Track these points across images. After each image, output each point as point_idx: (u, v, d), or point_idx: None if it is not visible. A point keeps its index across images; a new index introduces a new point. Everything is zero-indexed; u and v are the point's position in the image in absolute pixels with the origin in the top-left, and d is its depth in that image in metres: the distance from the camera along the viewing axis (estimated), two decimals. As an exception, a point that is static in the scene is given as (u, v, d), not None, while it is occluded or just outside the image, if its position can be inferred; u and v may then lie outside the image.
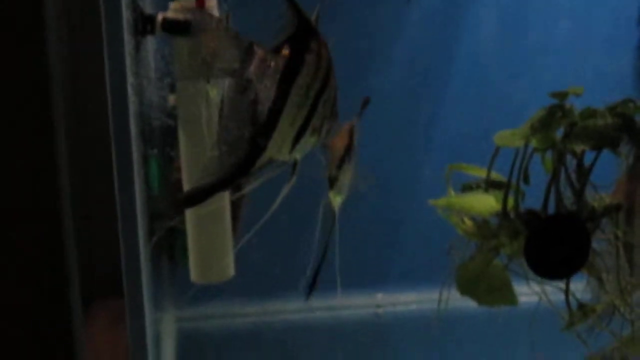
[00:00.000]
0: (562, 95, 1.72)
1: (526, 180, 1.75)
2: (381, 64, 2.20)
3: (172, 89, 1.76)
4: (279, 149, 1.29)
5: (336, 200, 1.68)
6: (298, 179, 1.44)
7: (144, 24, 1.59)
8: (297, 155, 1.34)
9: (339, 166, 1.65)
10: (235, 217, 1.87)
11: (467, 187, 1.84)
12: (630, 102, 1.73)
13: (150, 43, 1.74)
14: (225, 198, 1.75)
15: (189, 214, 1.75)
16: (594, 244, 1.77)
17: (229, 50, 1.22)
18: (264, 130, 1.24)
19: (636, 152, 1.72)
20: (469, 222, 1.77)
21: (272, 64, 1.23)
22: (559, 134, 1.74)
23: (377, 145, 1.81)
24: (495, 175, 1.82)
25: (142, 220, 1.72)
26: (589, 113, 1.72)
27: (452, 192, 1.83)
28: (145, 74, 1.69)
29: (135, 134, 1.58)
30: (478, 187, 1.82)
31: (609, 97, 1.76)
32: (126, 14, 1.51)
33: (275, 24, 1.26)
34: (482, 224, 1.76)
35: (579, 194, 1.75)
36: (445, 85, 2.27)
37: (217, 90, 1.69)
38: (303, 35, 1.26)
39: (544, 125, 1.71)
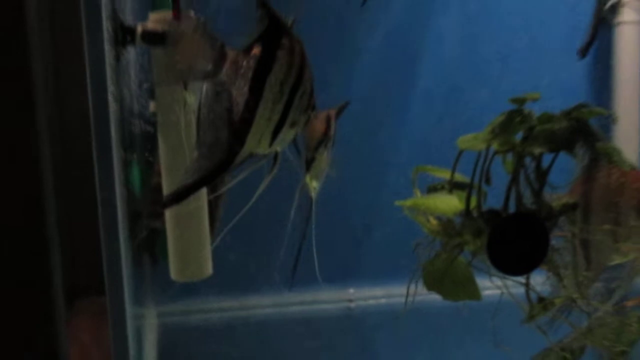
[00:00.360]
0: (521, 101, 1.72)
1: (488, 181, 1.75)
2: (348, 70, 2.19)
3: (152, 95, 1.74)
4: (257, 143, 1.29)
5: (312, 184, 1.67)
6: (272, 180, 1.43)
7: (124, 35, 1.57)
8: (278, 147, 1.34)
9: (316, 149, 1.64)
10: (213, 218, 1.86)
11: (432, 188, 1.84)
12: (583, 107, 1.73)
13: (131, 53, 1.73)
14: (202, 199, 1.74)
15: (169, 215, 1.73)
16: (553, 241, 1.77)
17: (202, 54, 1.22)
18: (241, 127, 1.24)
19: (590, 153, 1.73)
20: (434, 222, 1.77)
21: (244, 63, 1.23)
22: (518, 137, 1.74)
23: (347, 147, 1.80)
24: (458, 177, 1.81)
25: (122, 221, 1.70)
26: (546, 118, 1.72)
27: (419, 193, 1.82)
28: (126, 83, 1.67)
29: (115, 139, 1.57)
30: (442, 188, 1.81)
31: (563, 103, 1.77)
32: (106, 25, 1.49)
33: (249, 26, 1.26)
34: (446, 223, 1.76)
35: (537, 194, 1.75)
36: (411, 92, 2.27)
37: (194, 97, 1.68)
38: (273, 33, 1.25)
39: (504, 129, 1.71)
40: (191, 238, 1.74)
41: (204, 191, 1.74)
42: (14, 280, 1.54)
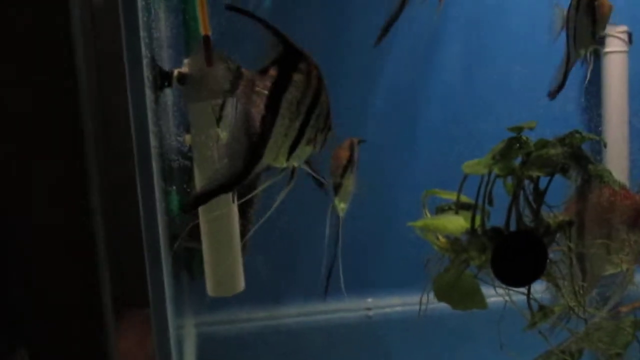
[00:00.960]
0: (518, 129, 1.73)
1: (490, 202, 1.76)
2: (363, 103, 2.21)
3: (188, 130, 1.77)
4: (275, 157, 1.30)
5: (341, 206, 1.70)
6: (298, 201, 1.45)
7: (162, 80, 1.60)
8: (294, 162, 1.34)
9: (342, 175, 1.66)
10: (243, 236, 1.88)
11: (441, 209, 1.85)
12: (577, 133, 1.74)
13: (168, 95, 1.76)
14: (234, 222, 1.76)
15: (204, 236, 1.75)
16: (551, 255, 1.78)
17: (220, 74, 1.24)
18: (258, 141, 1.26)
19: (583, 175, 1.73)
20: (442, 240, 1.78)
21: (260, 83, 1.25)
22: (517, 162, 1.75)
23: (364, 171, 1.83)
24: (464, 198, 1.82)
25: (164, 242, 1.74)
26: (542, 144, 1.73)
27: (428, 214, 1.84)
28: (164, 122, 1.71)
29: (157, 172, 1.60)
30: (450, 209, 1.83)
31: (558, 129, 1.78)
32: (146, 72, 1.53)
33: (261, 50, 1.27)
34: (454, 241, 1.77)
35: (536, 213, 1.75)
36: (419, 122, 2.29)
37: (226, 133, 1.71)
38: (289, 58, 1.27)
39: (504, 155, 1.72)
40: (224, 257, 1.76)
41: (235, 213, 1.76)
42: (68, 298, 1.56)
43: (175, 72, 1.64)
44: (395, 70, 2.26)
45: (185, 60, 1.66)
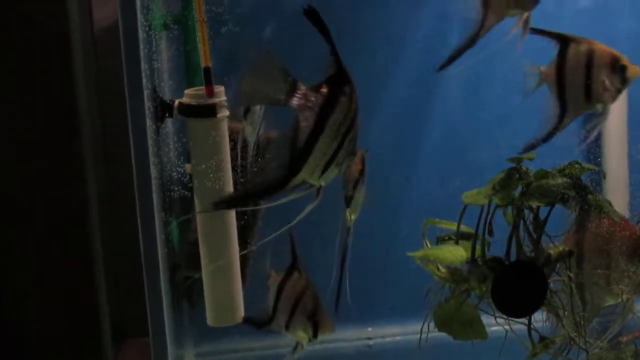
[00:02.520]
0: (518, 160, 1.74)
1: (490, 232, 1.76)
2: (361, 131, 2.20)
3: (188, 159, 1.78)
4: (311, 173, 1.33)
5: (351, 217, 1.72)
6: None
7: (162, 111, 1.61)
8: (323, 182, 1.37)
9: (354, 187, 1.68)
10: (244, 267, 1.88)
11: (441, 239, 1.85)
12: (576, 164, 1.75)
13: (170, 126, 1.77)
14: (235, 252, 1.76)
15: (204, 266, 1.76)
16: (551, 285, 1.78)
17: (277, 84, 1.28)
18: (300, 154, 1.30)
19: (582, 206, 1.74)
20: (443, 270, 1.78)
21: (313, 99, 1.29)
22: (517, 192, 1.76)
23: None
24: (464, 228, 1.82)
25: (164, 272, 1.74)
26: (542, 174, 1.73)
27: (428, 244, 1.84)
28: (165, 152, 1.71)
29: (157, 203, 1.61)
30: (450, 238, 1.83)
31: (557, 160, 1.78)
32: (147, 104, 1.54)
33: (314, 64, 1.32)
34: (454, 271, 1.77)
35: (536, 243, 1.76)
36: (420, 151, 2.29)
37: (252, 128, 1.73)
38: (340, 79, 1.31)
39: (504, 185, 1.72)
40: (224, 288, 1.76)
41: (236, 245, 1.76)
42: (68, 327, 1.57)
43: (176, 102, 1.65)
44: (395, 100, 2.26)
45: (186, 91, 1.67)
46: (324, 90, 1.29)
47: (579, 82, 1.65)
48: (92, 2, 1.84)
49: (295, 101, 1.27)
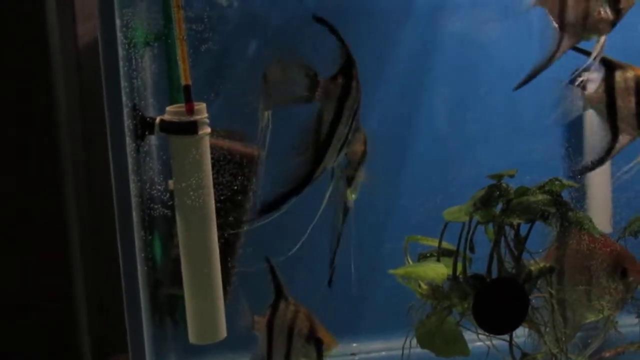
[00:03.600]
0: (499, 177, 1.74)
1: (472, 249, 1.76)
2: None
3: (171, 176, 1.77)
4: (330, 159, 1.38)
5: (352, 197, 1.72)
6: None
7: (142, 129, 1.61)
8: (335, 164, 1.45)
9: (356, 168, 1.68)
10: (226, 284, 1.87)
11: (423, 256, 1.85)
12: (556, 181, 1.75)
13: (151, 143, 1.76)
14: (216, 268, 1.75)
15: (186, 283, 1.74)
16: (533, 301, 1.78)
17: (300, 80, 1.33)
18: (324, 145, 1.34)
19: (562, 223, 1.74)
20: (424, 287, 1.78)
21: (332, 91, 1.34)
22: (498, 209, 1.76)
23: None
24: (446, 245, 1.83)
25: (144, 289, 1.73)
26: (522, 191, 1.74)
27: (410, 261, 1.84)
28: (146, 170, 1.71)
29: (136, 222, 1.60)
30: (432, 255, 1.83)
31: (538, 176, 1.79)
32: (127, 122, 1.54)
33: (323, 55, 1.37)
34: (436, 288, 1.77)
35: (517, 260, 1.76)
36: (402, 168, 2.29)
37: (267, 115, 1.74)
38: (349, 66, 1.36)
39: (485, 202, 1.73)
40: (206, 305, 1.75)
41: (217, 261, 1.76)
42: (50, 345, 1.56)
43: (158, 119, 1.65)
44: (378, 117, 2.27)
45: (168, 108, 1.67)
46: (339, 80, 1.34)
47: (631, 107, 1.66)
48: (76, 16, 1.84)
49: (318, 95, 1.32)
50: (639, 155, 1.76)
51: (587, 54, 1.71)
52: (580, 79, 2.23)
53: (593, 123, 1.76)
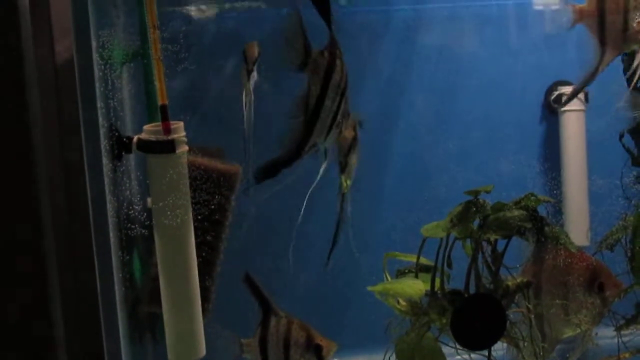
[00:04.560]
0: (475, 193, 1.75)
1: (449, 265, 1.77)
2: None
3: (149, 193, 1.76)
4: (319, 134, 1.43)
5: (347, 183, 1.72)
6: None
7: (119, 149, 1.60)
8: (327, 144, 1.47)
9: (347, 154, 1.68)
10: (206, 300, 1.87)
11: (401, 272, 1.86)
12: (532, 196, 1.77)
13: (129, 162, 1.76)
14: (195, 285, 1.75)
15: (164, 301, 1.74)
16: (511, 316, 1.79)
17: (297, 47, 1.40)
18: (311, 116, 1.40)
19: (538, 238, 1.76)
20: (403, 303, 1.78)
21: (320, 63, 1.41)
22: (476, 224, 1.77)
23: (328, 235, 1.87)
24: (424, 260, 1.83)
25: (121, 309, 1.72)
26: (499, 207, 1.75)
27: (389, 277, 1.84)
28: (123, 191, 1.70)
29: (114, 242, 1.60)
30: (410, 271, 1.84)
31: (514, 192, 1.80)
32: (104, 142, 1.53)
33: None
34: (414, 304, 1.77)
35: (494, 275, 1.77)
36: (380, 187, 2.30)
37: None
38: (333, 45, 1.44)
39: (462, 218, 1.74)
40: (185, 323, 1.75)
41: (196, 280, 1.75)
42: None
43: (135, 138, 1.65)
44: (364, 129, 2.29)
45: (145, 127, 1.66)
46: (326, 54, 1.41)
47: (618, 22, 1.66)
48: (53, 34, 1.83)
49: (310, 65, 1.39)
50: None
51: None
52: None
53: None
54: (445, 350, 1.81)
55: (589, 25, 1.70)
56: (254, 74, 1.84)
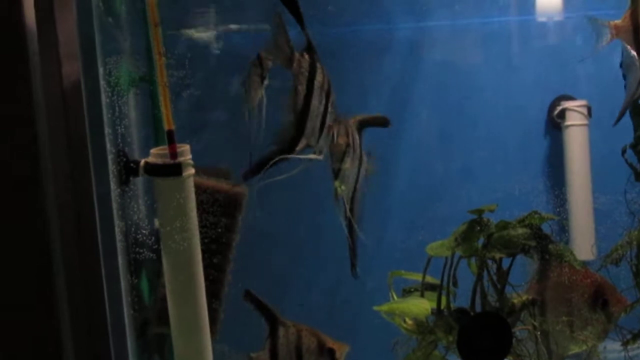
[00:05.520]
0: (479, 212, 1.76)
1: (455, 283, 1.78)
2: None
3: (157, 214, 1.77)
4: (310, 135, 1.47)
5: (341, 188, 1.72)
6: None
7: (127, 174, 1.62)
8: (320, 146, 1.53)
9: (340, 160, 1.68)
10: (214, 322, 1.88)
11: (407, 291, 1.87)
12: (536, 214, 1.78)
13: (137, 185, 1.77)
14: (203, 309, 1.76)
15: (173, 322, 1.75)
16: (517, 333, 1.80)
17: (282, 47, 1.45)
18: (300, 117, 1.44)
19: (542, 255, 1.76)
20: (409, 322, 1.79)
21: (304, 64, 1.45)
22: (480, 242, 1.78)
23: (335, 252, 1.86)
24: (429, 279, 1.84)
25: (130, 332, 1.73)
26: (503, 225, 1.76)
27: (395, 296, 1.85)
28: (131, 215, 1.72)
29: (122, 265, 1.61)
30: (416, 290, 1.84)
31: (519, 209, 1.81)
32: (112, 167, 1.55)
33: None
34: (420, 323, 1.78)
35: (500, 293, 1.78)
36: (386, 205, 2.30)
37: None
38: (311, 48, 1.48)
39: (466, 237, 1.75)
40: (193, 344, 1.76)
41: (204, 302, 1.76)
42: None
43: (142, 162, 1.67)
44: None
45: (152, 150, 1.68)
46: (306, 57, 1.46)
47: None
48: (61, 56, 1.85)
49: (295, 65, 1.44)
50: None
51: None
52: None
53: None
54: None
55: (626, 40, 1.73)
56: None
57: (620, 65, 1.81)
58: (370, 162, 1.80)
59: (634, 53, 1.74)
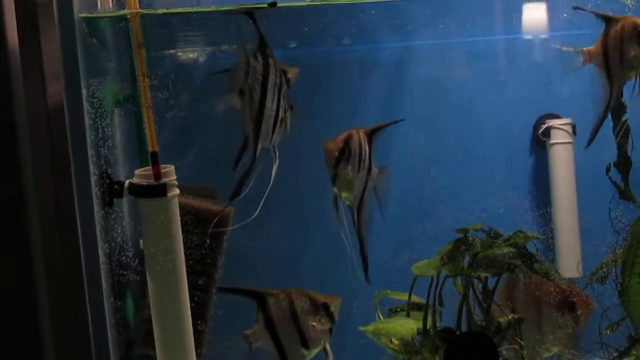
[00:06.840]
0: (464, 230, 1.76)
1: (441, 302, 1.77)
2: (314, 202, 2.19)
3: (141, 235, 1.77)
4: (265, 138, 1.47)
5: (344, 195, 1.70)
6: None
7: (110, 195, 1.61)
8: (274, 143, 1.51)
9: (335, 166, 1.66)
10: (199, 343, 1.86)
11: (393, 311, 1.86)
12: (521, 233, 1.78)
13: (122, 207, 1.76)
14: (188, 327, 1.74)
15: (158, 347, 1.73)
16: (504, 352, 1.79)
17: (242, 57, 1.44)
18: (256, 122, 1.44)
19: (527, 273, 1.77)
20: (396, 342, 1.78)
21: (256, 67, 1.44)
22: (466, 261, 1.78)
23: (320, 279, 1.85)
24: (415, 298, 1.84)
25: (114, 353, 1.71)
26: (488, 244, 1.76)
27: (381, 316, 1.84)
28: (115, 236, 1.71)
29: (105, 288, 1.60)
30: (402, 310, 1.84)
31: (504, 230, 1.81)
32: (95, 189, 1.54)
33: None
34: (407, 343, 1.77)
35: (486, 312, 1.78)
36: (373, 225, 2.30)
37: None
38: (263, 46, 1.46)
39: (452, 256, 1.75)
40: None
41: (189, 324, 1.75)
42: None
43: (127, 183, 1.66)
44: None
45: (137, 171, 1.67)
46: (259, 58, 1.45)
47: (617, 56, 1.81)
48: (44, 77, 1.84)
49: (250, 77, 1.44)
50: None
51: None
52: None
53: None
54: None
55: (597, 64, 1.84)
56: None
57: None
58: (382, 174, 1.77)
59: (604, 78, 1.83)
